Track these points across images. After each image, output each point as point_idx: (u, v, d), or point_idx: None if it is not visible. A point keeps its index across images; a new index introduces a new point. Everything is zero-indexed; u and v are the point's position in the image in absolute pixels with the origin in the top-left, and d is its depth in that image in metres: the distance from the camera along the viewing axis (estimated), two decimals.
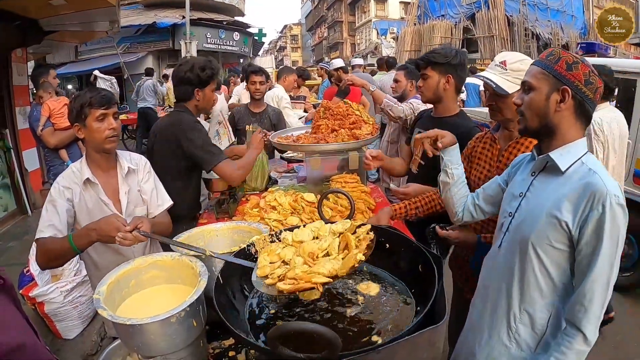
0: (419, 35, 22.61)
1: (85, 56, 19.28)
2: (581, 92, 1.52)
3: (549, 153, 1.59)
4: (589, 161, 1.55)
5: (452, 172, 1.97)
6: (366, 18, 41.61)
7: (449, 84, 2.69)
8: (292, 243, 1.62)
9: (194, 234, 2.01)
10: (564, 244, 1.53)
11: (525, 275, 1.62)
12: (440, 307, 1.19)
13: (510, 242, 1.70)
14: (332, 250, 1.51)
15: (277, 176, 3.73)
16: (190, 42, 16.14)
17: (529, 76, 1.62)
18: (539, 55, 1.66)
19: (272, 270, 1.45)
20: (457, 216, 2.02)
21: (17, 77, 6.75)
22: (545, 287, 1.60)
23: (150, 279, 1.67)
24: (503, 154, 2.19)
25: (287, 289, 1.34)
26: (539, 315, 1.62)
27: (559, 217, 1.51)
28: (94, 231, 1.83)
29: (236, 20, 23.28)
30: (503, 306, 1.71)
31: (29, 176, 6.87)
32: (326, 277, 1.36)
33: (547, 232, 1.55)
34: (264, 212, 2.52)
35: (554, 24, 20.06)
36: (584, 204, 1.46)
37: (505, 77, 2.07)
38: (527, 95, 1.62)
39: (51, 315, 3.65)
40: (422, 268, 1.47)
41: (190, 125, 2.79)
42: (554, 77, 1.55)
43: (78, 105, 2.12)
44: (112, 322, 1.36)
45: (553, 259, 1.56)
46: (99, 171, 2.23)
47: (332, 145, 2.94)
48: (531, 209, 1.63)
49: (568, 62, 1.53)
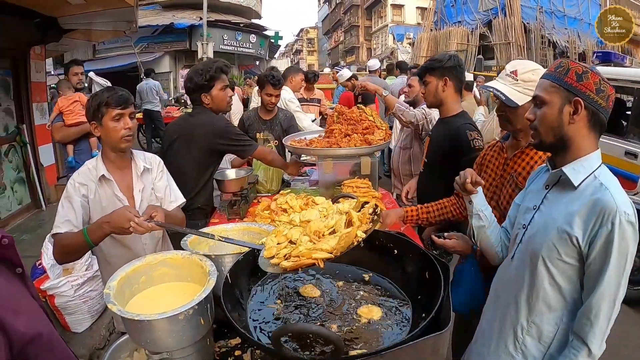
0: (435, 41, 22.51)
1: (102, 55, 19.46)
2: (593, 102, 1.51)
3: (562, 168, 1.58)
4: (601, 175, 1.54)
5: (485, 214, 1.94)
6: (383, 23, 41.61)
7: (446, 85, 2.86)
8: (300, 223, 1.62)
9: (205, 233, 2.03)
10: (574, 258, 1.53)
11: (534, 287, 1.62)
12: (445, 314, 1.20)
13: (522, 254, 1.70)
14: (339, 227, 1.51)
15: (289, 179, 3.75)
16: (207, 43, 16.25)
17: (539, 90, 1.61)
18: (548, 68, 1.65)
19: (278, 251, 1.45)
20: (498, 257, 1.97)
21: (35, 74, 6.84)
22: (554, 300, 1.59)
23: (160, 275, 1.69)
24: (508, 163, 2.18)
25: (289, 266, 1.34)
26: (547, 328, 1.61)
27: (569, 233, 1.50)
28: (107, 224, 1.86)
29: (253, 22, 23.39)
30: (511, 316, 1.70)
31: (44, 171, 6.96)
32: (327, 252, 1.35)
33: (557, 246, 1.54)
34: (275, 215, 2.53)
35: (570, 32, 19.85)
36: (593, 220, 1.46)
37: (516, 88, 2.05)
38: (539, 110, 1.60)
39: (61, 309, 3.69)
40: (429, 274, 1.47)
41: (222, 122, 2.98)
42: (565, 89, 1.54)
43: (95, 104, 2.16)
44: (121, 317, 1.38)
45: (563, 273, 1.56)
46: (114, 169, 2.27)
47: (345, 150, 2.95)
48: (543, 223, 1.62)
49: (578, 73, 1.52)
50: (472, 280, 2.12)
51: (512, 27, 19.56)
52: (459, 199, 2.53)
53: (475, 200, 1.93)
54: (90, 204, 2.20)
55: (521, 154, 2.13)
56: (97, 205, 2.20)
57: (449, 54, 2.98)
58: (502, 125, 2.21)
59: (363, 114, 3.21)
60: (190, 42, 19.11)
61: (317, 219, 1.59)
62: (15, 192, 6.48)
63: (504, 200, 2.17)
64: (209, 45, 16.15)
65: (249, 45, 22.13)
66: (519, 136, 2.16)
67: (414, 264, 1.60)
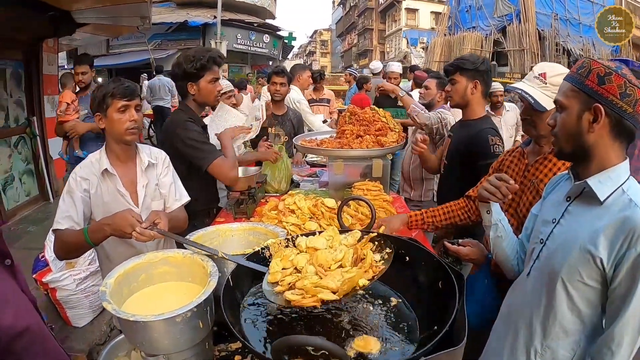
0: (449, 46, 22.41)
1: (116, 50, 19.61)
2: (617, 108, 1.36)
3: (587, 180, 1.45)
4: (630, 189, 1.40)
5: (503, 224, 1.83)
6: (396, 27, 41.50)
7: (476, 89, 2.78)
8: (306, 249, 1.53)
9: (210, 232, 1.97)
10: (597, 281, 1.40)
11: (552, 310, 1.50)
12: (460, 329, 1.10)
13: (540, 271, 1.58)
14: (346, 262, 1.42)
15: (299, 179, 3.68)
16: (221, 42, 16.30)
17: (560, 94, 1.50)
18: (571, 69, 1.52)
19: (283, 277, 1.37)
20: (514, 271, 1.86)
21: (47, 67, 6.88)
22: (572, 325, 1.47)
23: (160, 274, 1.63)
24: (529, 169, 2.08)
25: (293, 300, 1.26)
26: (562, 353, 1.50)
27: (593, 253, 1.37)
28: (108, 226, 1.82)
29: (267, 22, 23.44)
30: (525, 338, 1.59)
31: (53, 163, 6.97)
32: (332, 291, 1.27)
33: (579, 267, 1.41)
34: (282, 215, 2.46)
35: (585, 40, 19.64)
36: (621, 241, 1.32)
37: (545, 92, 1.95)
38: (559, 116, 1.49)
39: (62, 302, 3.67)
40: (442, 285, 1.38)
41: (180, 125, 2.71)
42: (585, 94, 1.41)
43: (101, 95, 2.11)
44: (116, 317, 1.32)
45: (584, 296, 1.43)
46: (117, 162, 2.22)
47: (356, 151, 2.89)
48: (564, 240, 1.49)
49: (600, 75, 1.38)
50: (485, 291, 2.02)
51: (526, 33, 19.41)
52: (469, 202, 2.45)
53: (494, 209, 1.81)
54: (91, 198, 2.15)
55: (544, 160, 2.03)
56: (99, 200, 2.15)
57: (481, 57, 2.90)
58: (526, 131, 2.11)
59: (376, 115, 3.14)
60: (204, 41, 19.18)
61: (325, 250, 1.49)
62: (23, 184, 6.50)
63: (523, 207, 2.07)
64: (222, 44, 16.19)
65: (263, 45, 22.16)
66: (542, 142, 2.05)
67: (426, 272, 1.50)
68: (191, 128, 2.70)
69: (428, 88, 4.29)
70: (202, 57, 2.72)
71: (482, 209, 1.85)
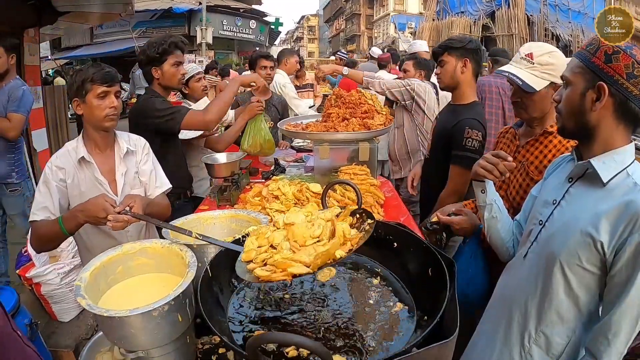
0: (437, 31, 22.25)
1: (100, 39, 19.39)
2: (622, 88, 1.30)
3: (590, 160, 1.40)
4: (635, 173, 1.35)
5: (498, 204, 1.78)
6: (384, 12, 41.27)
7: (466, 67, 2.72)
8: (284, 226, 1.45)
9: (190, 221, 1.90)
10: (596, 266, 1.36)
11: (548, 295, 1.46)
12: (451, 319, 1.04)
13: (537, 254, 1.53)
14: (324, 237, 1.32)
15: (285, 165, 3.62)
16: (206, 28, 16.11)
17: (567, 70, 1.45)
18: (581, 46, 1.47)
19: (257, 255, 1.29)
20: (509, 254, 1.81)
21: (29, 57, 6.69)
22: (568, 311, 1.43)
23: (138, 266, 1.55)
24: (519, 151, 2.04)
25: (262, 275, 1.18)
26: (557, 340, 1.46)
27: (594, 237, 1.33)
28: (81, 212, 1.76)
29: (253, 8, 23.19)
30: (519, 323, 1.55)
31: (37, 156, 6.81)
32: (305, 266, 1.18)
33: (578, 251, 1.37)
34: (266, 201, 2.40)
35: (574, 26, 19.64)
36: (623, 226, 1.28)
37: (533, 72, 1.89)
38: (565, 91, 1.45)
39: (47, 297, 3.60)
40: (432, 272, 1.32)
41: (145, 101, 2.81)
42: (591, 71, 1.35)
43: (79, 80, 2.04)
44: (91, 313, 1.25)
45: (582, 281, 1.39)
46: (95, 150, 2.15)
47: (342, 134, 2.82)
48: (565, 222, 1.45)
49: (607, 53, 1.32)
50: (472, 264, 1.99)
51: (515, 18, 19.33)
52: None
53: (489, 188, 1.75)
54: (68, 188, 2.08)
55: (535, 142, 1.98)
56: (76, 190, 2.08)
57: (470, 37, 2.88)
58: (518, 113, 2.06)
59: (362, 98, 3.07)
60: (189, 27, 18.98)
61: (302, 224, 1.38)
62: None
63: (513, 190, 2.03)
64: (208, 31, 16.01)
65: (249, 31, 21.98)
66: (534, 124, 2.01)
67: (415, 259, 1.44)
68: (156, 101, 2.80)
69: (407, 70, 4.31)
70: (163, 42, 2.82)
71: (477, 188, 1.78)
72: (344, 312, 1.36)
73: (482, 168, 1.68)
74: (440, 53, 2.78)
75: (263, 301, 1.45)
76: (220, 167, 2.76)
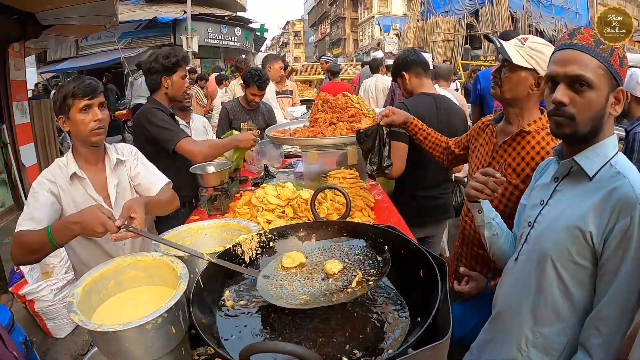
0: (422, 31, 22.39)
1: (86, 51, 19.28)
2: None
3: (574, 157, 1.39)
4: (618, 163, 1.35)
5: (497, 221, 1.76)
6: (369, 14, 41.45)
7: (408, 79, 3.16)
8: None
9: (181, 232, 1.89)
10: (587, 259, 1.35)
11: (542, 293, 1.45)
12: (444, 320, 1.04)
13: (528, 255, 1.53)
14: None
15: (274, 172, 3.62)
16: (192, 37, 16.08)
17: (586, 69, 1.30)
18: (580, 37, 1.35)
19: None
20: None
21: (14, 72, 6.68)
22: (564, 309, 1.42)
23: (130, 279, 1.55)
24: (497, 150, 2.00)
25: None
26: (555, 340, 1.45)
27: (582, 229, 1.32)
28: (78, 225, 1.65)
29: (238, 15, 23.21)
30: (515, 326, 1.54)
31: (26, 172, 6.78)
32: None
33: (568, 245, 1.36)
34: (256, 210, 2.40)
35: (558, 21, 19.85)
36: (609, 213, 1.28)
37: (520, 51, 1.85)
38: (580, 94, 1.32)
39: (41, 314, 3.58)
40: (424, 273, 1.33)
41: (146, 110, 2.89)
42: (611, 74, 1.31)
43: (61, 97, 2.02)
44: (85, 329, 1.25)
45: (575, 276, 1.38)
46: (87, 165, 2.14)
47: (330, 139, 2.82)
48: (552, 220, 1.44)
49: (620, 57, 1.31)
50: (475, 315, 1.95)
51: (499, 16, 19.50)
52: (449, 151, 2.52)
53: (485, 207, 1.73)
54: (62, 203, 2.05)
55: (512, 142, 1.94)
56: (71, 205, 2.06)
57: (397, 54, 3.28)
58: (493, 89, 1.98)
59: (349, 101, 3.08)
60: (175, 37, 18.94)
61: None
62: None
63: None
64: (193, 39, 15.99)
65: (235, 39, 21.98)
66: (511, 117, 1.97)
67: (406, 260, 1.45)
68: (158, 113, 2.89)
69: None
70: (177, 54, 2.98)
71: (474, 210, 1.76)
72: (337, 317, 1.37)
73: (473, 189, 1.65)
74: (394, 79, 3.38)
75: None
76: (209, 177, 2.76)
